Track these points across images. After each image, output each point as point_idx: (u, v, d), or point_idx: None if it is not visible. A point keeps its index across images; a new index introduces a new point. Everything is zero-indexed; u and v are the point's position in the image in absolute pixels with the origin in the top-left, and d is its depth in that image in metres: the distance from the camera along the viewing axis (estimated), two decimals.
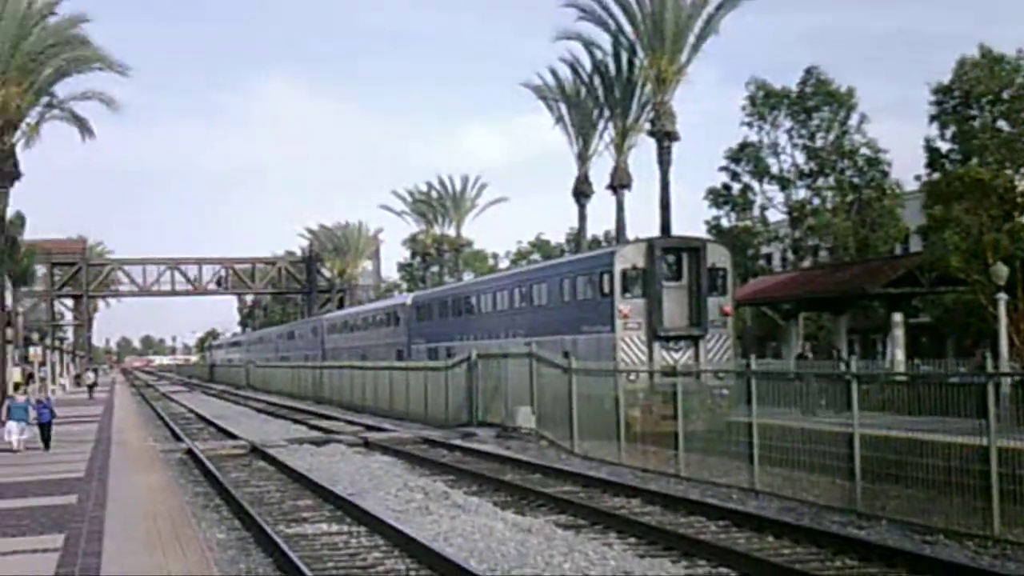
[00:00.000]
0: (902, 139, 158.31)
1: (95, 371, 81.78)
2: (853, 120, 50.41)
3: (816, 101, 50.57)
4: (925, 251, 38.46)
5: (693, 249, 30.62)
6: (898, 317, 38.57)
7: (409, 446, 28.41)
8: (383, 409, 42.34)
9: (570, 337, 31.80)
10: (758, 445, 19.31)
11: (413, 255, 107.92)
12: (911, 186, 48.12)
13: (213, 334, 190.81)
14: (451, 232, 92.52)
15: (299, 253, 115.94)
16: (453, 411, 34.97)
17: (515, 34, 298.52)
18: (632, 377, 26.89)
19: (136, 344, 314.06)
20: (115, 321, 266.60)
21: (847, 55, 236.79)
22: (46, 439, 26.75)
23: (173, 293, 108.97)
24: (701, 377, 26.45)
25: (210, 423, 40.32)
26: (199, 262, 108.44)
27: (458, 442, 28.56)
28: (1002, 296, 30.27)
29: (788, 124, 51.52)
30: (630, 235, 53.82)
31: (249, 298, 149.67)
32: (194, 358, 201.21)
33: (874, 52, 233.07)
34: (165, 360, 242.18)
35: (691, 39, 47.99)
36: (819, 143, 50.97)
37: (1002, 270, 30.53)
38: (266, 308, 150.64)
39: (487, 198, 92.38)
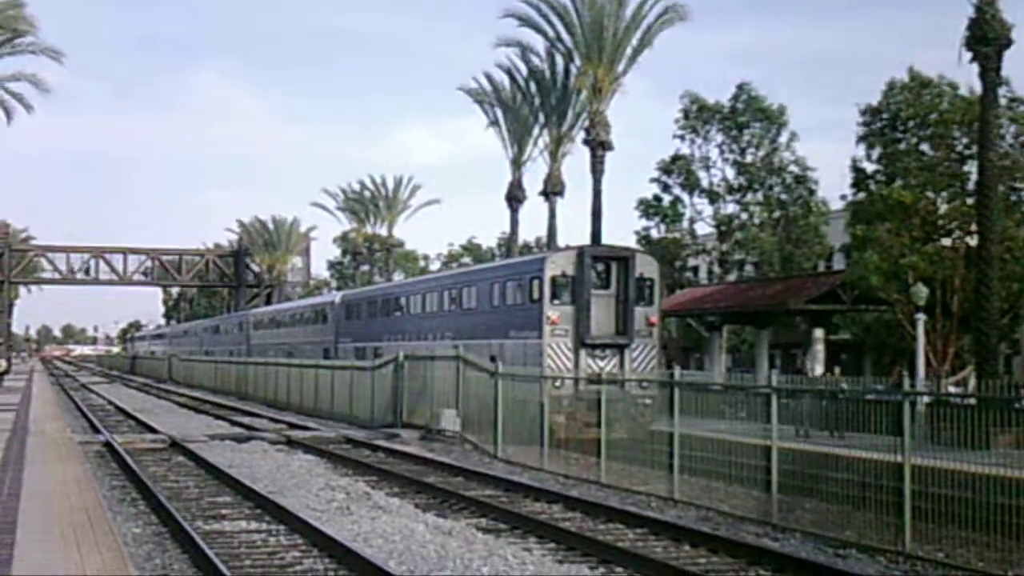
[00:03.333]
0: (830, 159, 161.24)
1: (8, 359, 79.88)
2: (783, 137, 51.25)
3: (747, 117, 51.28)
4: (847, 269, 39.19)
5: (622, 259, 30.93)
6: (819, 333, 39.27)
7: (332, 445, 28.29)
8: (308, 407, 42.07)
9: (498, 341, 31.92)
10: (679, 455, 19.56)
11: (344, 253, 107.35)
12: (837, 205, 49.07)
13: (136, 325, 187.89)
14: (383, 232, 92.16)
15: (229, 247, 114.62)
16: (378, 412, 34.87)
17: (456, 37, 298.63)
18: (557, 383, 27.10)
19: (57, 333, 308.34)
20: (36, 309, 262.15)
21: (780, 74, 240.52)
22: None
23: (97, 282, 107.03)
24: (625, 386, 26.70)
25: (130, 416, 39.73)
26: (125, 251, 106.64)
27: (382, 443, 28.50)
28: (921, 316, 30.95)
29: (720, 139, 52.21)
30: (561, 242, 54.11)
31: (175, 290, 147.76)
32: (116, 349, 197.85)
33: (807, 72, 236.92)
34: (86, 350, 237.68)
35: (628, 51, 48.42)
36: (749, 159, 51.69)
37: (922, 291, 31.22)
38: (192, 301, 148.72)
39: (421, 199, 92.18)
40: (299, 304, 66.33)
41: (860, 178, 39.41)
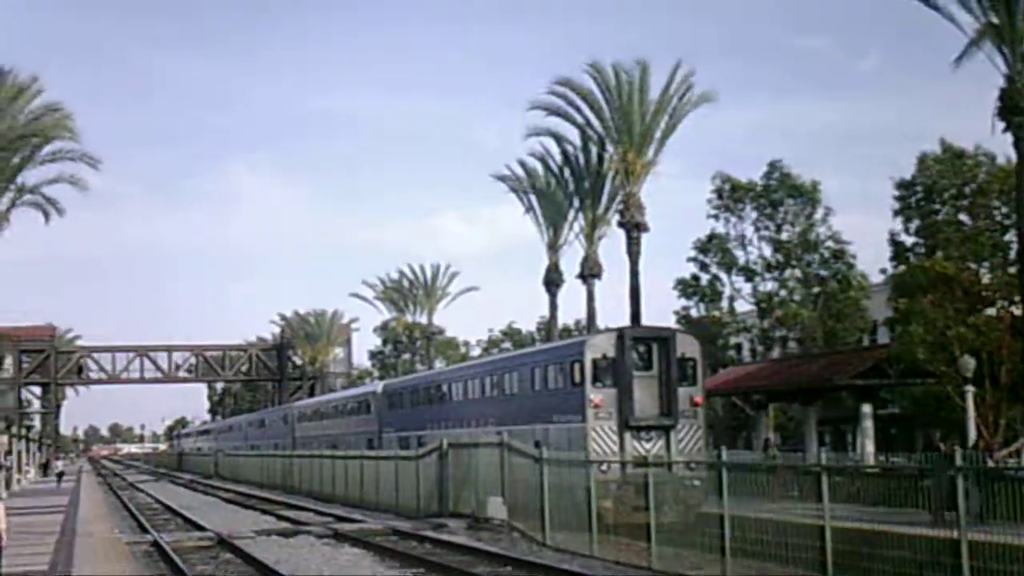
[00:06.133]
0: (867, 232, 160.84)
1: (60, 460, 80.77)
2: (818, 213, 51.22)
3: (781, 194, 51.35)
4: (892, 343, 38.83)
5: (663, 339, 30.82)
6: (867, 408, 38.77)
7: (379, 537, 28.11)
8: (354, 499, 41.92)
9: (541, 426, 31.79)
10: (730, 537, 19.29)
11: (385, 342, 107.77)
12: (876, 278, 48.85)
13: (182, 422, 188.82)
14: (423, 320, 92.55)
15: (271, 340, 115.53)
16: (424, 501, 34.66)
17: (489, 123, 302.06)
18: (604, 467, 26.84)
19: (104, 432, 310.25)
20: (83, 408, 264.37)
21: (812, 150, 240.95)
22: None
23: (142, 380, 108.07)
24: (673, 467, 26.44)
25: (177, 513, 39.77)
26: (169, 349, 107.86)
27: (429, 533, 28.28)
28: (969, 388, 30.57)
29: (754, 216, 52.27)
30: (601, 324, 54.11)
31: (219, 386, 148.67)
32: (162, 446, 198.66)
33: (839, 148, 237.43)
34: (133, 448, 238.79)
35: (657, 134, 48.91)
36: (785, 235, 51.65)
37: (969, 363, 30.88)
38: (236, 396, 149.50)
39: (458, 286, 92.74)
40: (342, 395, 66.51)
41: (899, 251, 39.29)
